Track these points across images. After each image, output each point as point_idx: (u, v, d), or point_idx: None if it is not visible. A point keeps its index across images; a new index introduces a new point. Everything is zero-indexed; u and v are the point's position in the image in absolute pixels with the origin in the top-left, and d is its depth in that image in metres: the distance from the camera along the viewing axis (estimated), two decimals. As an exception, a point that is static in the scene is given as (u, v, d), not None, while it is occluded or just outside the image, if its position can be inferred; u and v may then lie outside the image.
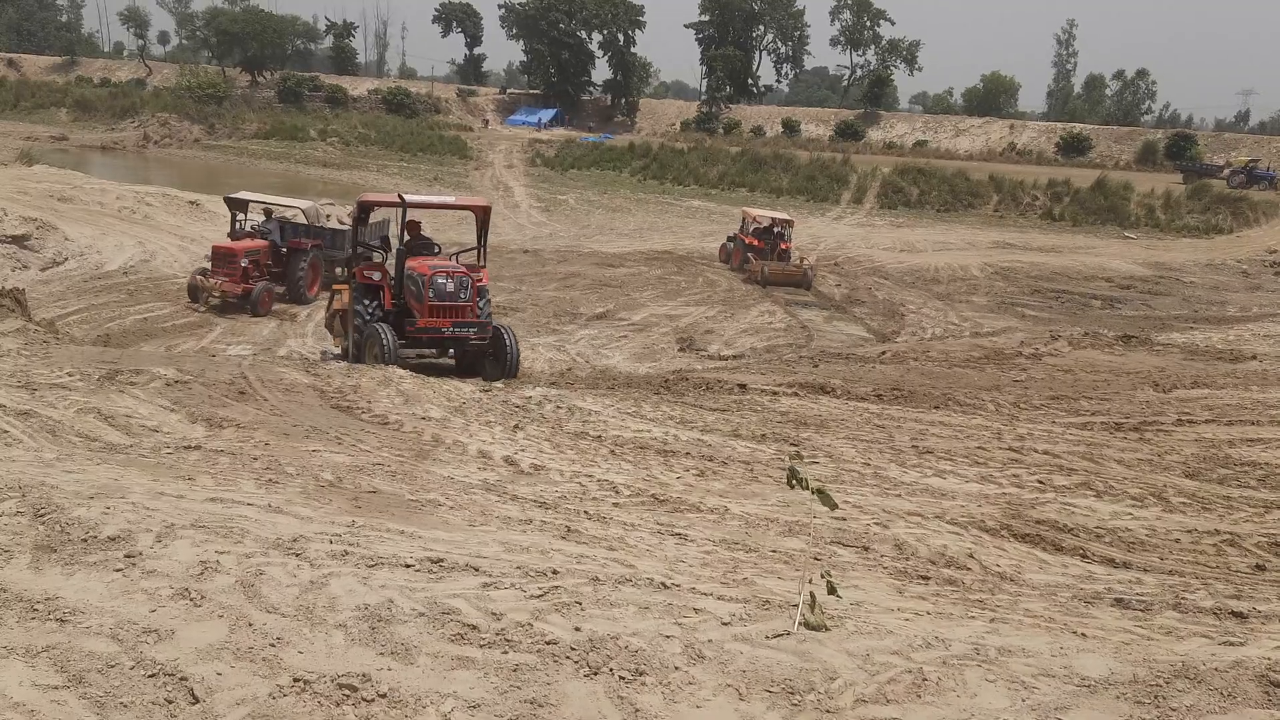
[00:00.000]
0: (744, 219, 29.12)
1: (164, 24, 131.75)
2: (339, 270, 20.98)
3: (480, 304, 13.87)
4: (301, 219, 21.52)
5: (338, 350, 14.77)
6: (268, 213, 20.84)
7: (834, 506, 3.95)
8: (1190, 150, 63.66)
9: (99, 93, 77.91)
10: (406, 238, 14.31)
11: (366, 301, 13.78)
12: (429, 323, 13.32)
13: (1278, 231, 38.74)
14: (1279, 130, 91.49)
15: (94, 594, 3.80)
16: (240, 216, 20.59)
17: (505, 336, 13.70)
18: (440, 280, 13.42)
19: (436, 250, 14.87)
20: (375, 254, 14.72)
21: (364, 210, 14.67)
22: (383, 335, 12.83)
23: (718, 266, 28.10)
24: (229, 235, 20.20)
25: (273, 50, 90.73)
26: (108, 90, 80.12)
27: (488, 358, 13.87)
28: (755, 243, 27.02)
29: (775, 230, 27.48)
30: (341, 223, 24.07)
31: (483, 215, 14.51)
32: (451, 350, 14.03)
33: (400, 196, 14.16)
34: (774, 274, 25.54)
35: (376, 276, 14.06)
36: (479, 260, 14.40)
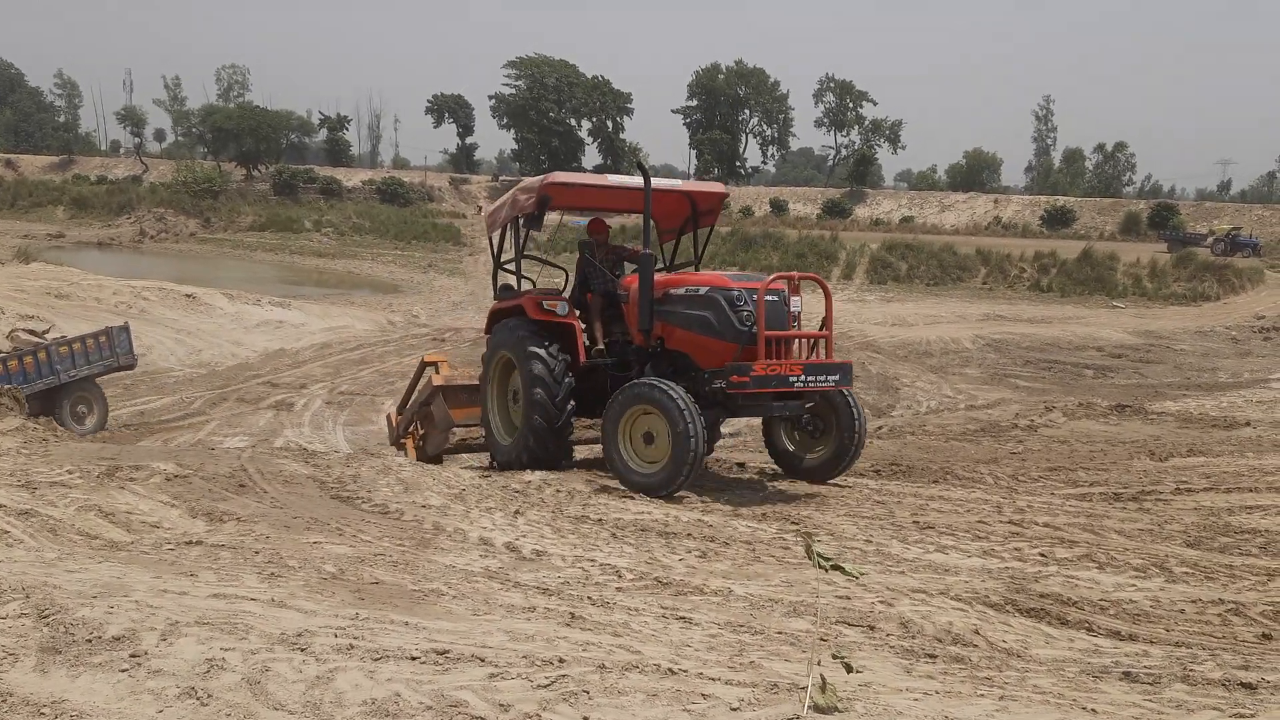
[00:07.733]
0: None
1: (160, 122, 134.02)
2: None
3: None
4: None
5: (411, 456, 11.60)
6: None
7: (859, 575, 4.08)
8: (1173, 220, 64.73)
9: (96, 190, 78.85)
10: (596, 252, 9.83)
11: (548, 350, 9.06)
12: (771, 369, 8.21)
13: (1264, 297, 39.19)
14: (1259, 198, 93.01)
15: (100, 695, 3.78)
16: None
17: (849, 400, 9.17)
18: (772, 296, 8.51)
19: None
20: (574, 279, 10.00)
21: (544, 200, 9.33)
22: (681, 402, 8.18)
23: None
24: None
25: (268, 144, 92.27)
26: (104, 187, 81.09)
27: (820, 431, 9.47)
28: None
29: None
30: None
31: (714, 206, 10.34)
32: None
33: (643, 166, 9.48)
34: None
35: (562, 311, 9.34)
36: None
